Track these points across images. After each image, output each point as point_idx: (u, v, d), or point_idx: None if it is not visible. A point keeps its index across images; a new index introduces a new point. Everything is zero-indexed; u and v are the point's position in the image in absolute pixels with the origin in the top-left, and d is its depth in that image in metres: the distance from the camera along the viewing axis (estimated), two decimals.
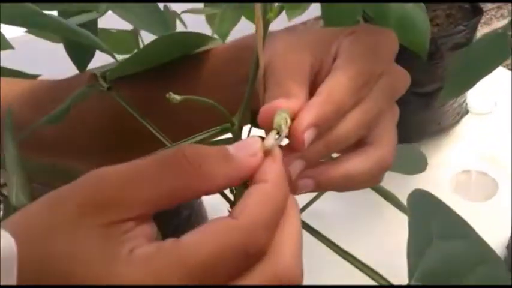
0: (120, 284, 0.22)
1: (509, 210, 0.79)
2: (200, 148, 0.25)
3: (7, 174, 0.32)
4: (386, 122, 0.32)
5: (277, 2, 0.28)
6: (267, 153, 0.26)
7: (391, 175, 0.33)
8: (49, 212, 0.23)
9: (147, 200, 0.24)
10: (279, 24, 0.37)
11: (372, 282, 0.30)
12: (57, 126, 0.39)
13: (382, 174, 0.32)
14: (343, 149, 0.31)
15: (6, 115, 0.37)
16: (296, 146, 0.28)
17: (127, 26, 0.71)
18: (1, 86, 0.46)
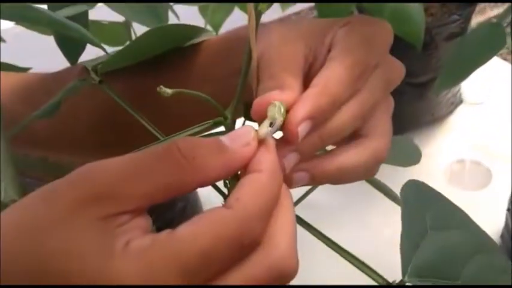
0: (116, 277, 0.22)
1: (503, 199, 0.79)
2: (194, 140, 0.25)
3: None
4: (381, 114, 0.31)
5: (270, 2, 0.28)
6: (260, 142, 0.26)
7: (385, 167, 0.33)
8: (43, 206, 0.23)
9: (142, 194, 0.23)
10: (272, 14, 0.37)
11: (367, 278, 0.30)
12: (49, 120, 0.39)
13: (377, 166, 0.32)
14: (338, 141, 0.30)
15: None
16: (290, 139, 0.28)
17: (119, 18, 0.71)
18: None
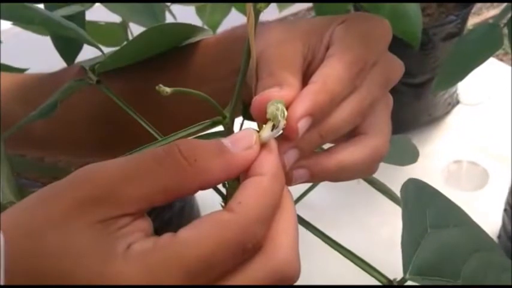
0: (117, 280, 0.21)
1: (499, 199, 0.79)
2: (195, 142, 0.24)
3: None
4: (381, 111, 0.31)
5: (268, 2, 0.28)
6: (262, 145, 0.26)
7: (382, 166, 0.33)
8: (43, 208, 0.23)
9: (143, 196, 0.23)
10: (270, 17, 0.37)
11: (366, 278, 0.30)
12: (46, 120, 0.38)
13: (377, 163, 0.31)
14: (338, 138, 0.30)
15: None
16: (290, 135, 0.28)
17: (115, 18, 0.71)
18: None
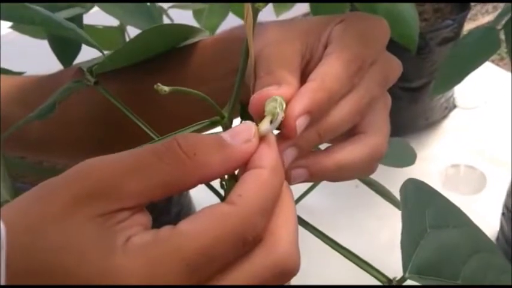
0: (117, 273, 0.21)
1: (497, 203, 0.79)
2: (194, 137, 0.24)
3: None
4: (379, 110, 0.31)
5: (267, 2, 0.28)
6: (261, 138, 0.26)
7: (380, 168, 0.33)
8: (41, 203, 0.23)
9: (142, 190, 0.23)
10: (267, 19, 0.37)
11: (365, 278, 0.30)
12: (44, 122, 0.38)
13: (376, 162, 0.31)
14: (336, 137, 0.30)
15: None
16: (288, 133, 0.28)
17: (113, 22, 0.71)
18: None
